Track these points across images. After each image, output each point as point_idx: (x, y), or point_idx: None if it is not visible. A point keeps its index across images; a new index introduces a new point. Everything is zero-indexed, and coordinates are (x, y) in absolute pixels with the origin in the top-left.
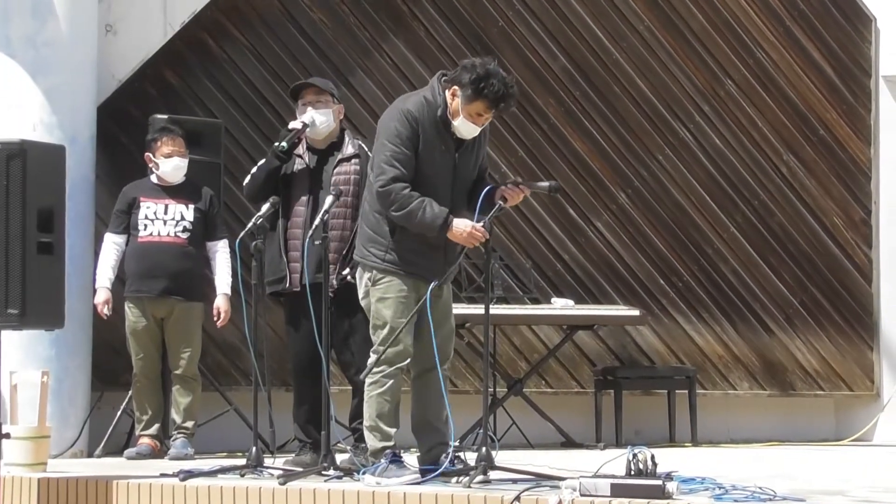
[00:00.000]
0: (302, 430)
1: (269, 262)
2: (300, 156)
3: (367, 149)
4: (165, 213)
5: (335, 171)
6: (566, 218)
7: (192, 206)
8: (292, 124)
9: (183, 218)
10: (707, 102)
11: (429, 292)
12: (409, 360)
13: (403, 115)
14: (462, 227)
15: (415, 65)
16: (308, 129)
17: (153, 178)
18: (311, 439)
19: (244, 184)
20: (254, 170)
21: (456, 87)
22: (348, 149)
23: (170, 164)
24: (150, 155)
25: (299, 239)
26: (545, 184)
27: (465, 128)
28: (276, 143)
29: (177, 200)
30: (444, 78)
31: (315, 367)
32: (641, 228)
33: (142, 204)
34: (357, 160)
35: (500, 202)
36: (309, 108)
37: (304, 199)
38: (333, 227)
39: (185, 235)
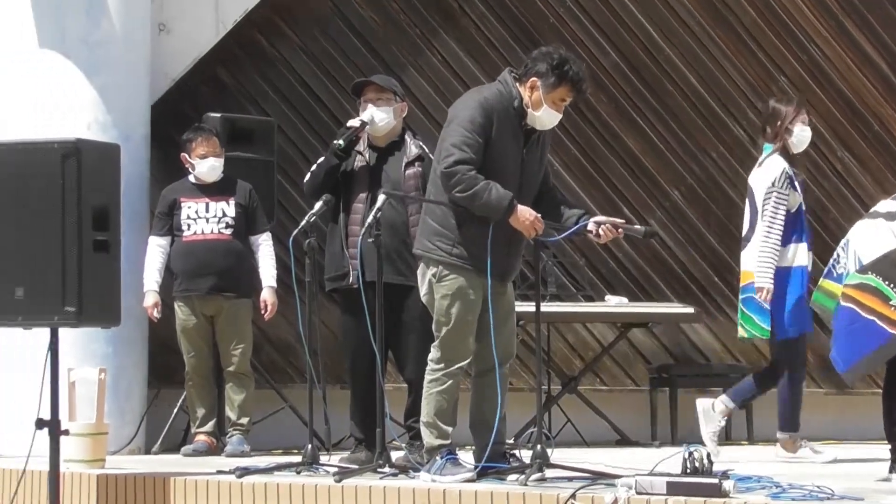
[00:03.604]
0: (358, 427)
1: (331, 258)
2: (360, 153)
3: (427, 150)
4: (207, 211)
5: (406, 173)
6: (620, 215)
7: (232, 202)
8: (350, 122)
9: (225, 214)
10: (760, 99)
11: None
12: (470, 359)
13: (480, 104)
14: (527, 213)
15: (465, 61)
16: (367, 127)
17: (191, 178)
18: (367, 437)
19: (304, 181)
20: (314, 167)
21: (535, 79)
22: (412, 150)
23: (205, 165)
24: (186, 156)
25: (357, 236)
26: (641, 228)
27: (548, 116)
28: (335, 141)
29: (216, 198)
30: (513, 73)
31: (372, 364)
32: (695, 226)
33: (182, 204)
34: (420, 163)
35: (590, 232)
36: (369, 106)
37: (363, 196)
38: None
39: (228, 232)
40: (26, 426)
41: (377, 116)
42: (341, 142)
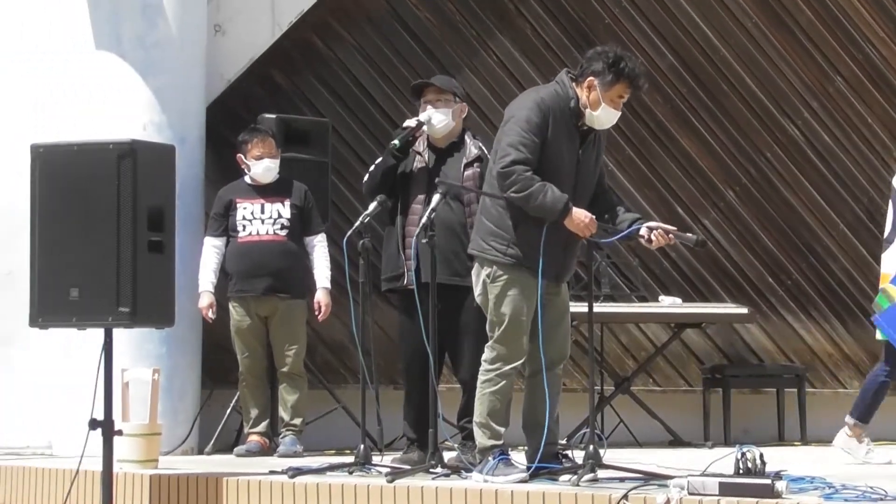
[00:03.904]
0: (411, 427)
1: (388, 259)
2: (420, 153)
3: (486, 151)
4: (262, 212)
5: (465, 174)
6: (674, 216)
7: (287, 203)
8: (407, 122)
9: (280, 216)
10: (816, 99)
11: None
12: (524, 360)
13: (536, 104)
14: (581, 215)
15: (521, 62)
16: (424, 128)
17: (247, 179)
18: (420, 437)
19: (363, 182)
20: (371, 168)
21: (592, 78)
22: (472, 151)
23: (261, 166)
24: (242, 157)
25: (414, 237)
26: (692, 236)
27: (607, 115)
28: (391, 142)
29: (272, 199)
30: (570, 74)
31: (428, 365)
32: (750, 226)
33: (238, 205)
34: (480, 164)
35: (642, 237)
36: (428, 107)
37: (420, 197)
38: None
39: (283, 233)
40: (80, 426)
41: (435, 118)
42: (396, 142)
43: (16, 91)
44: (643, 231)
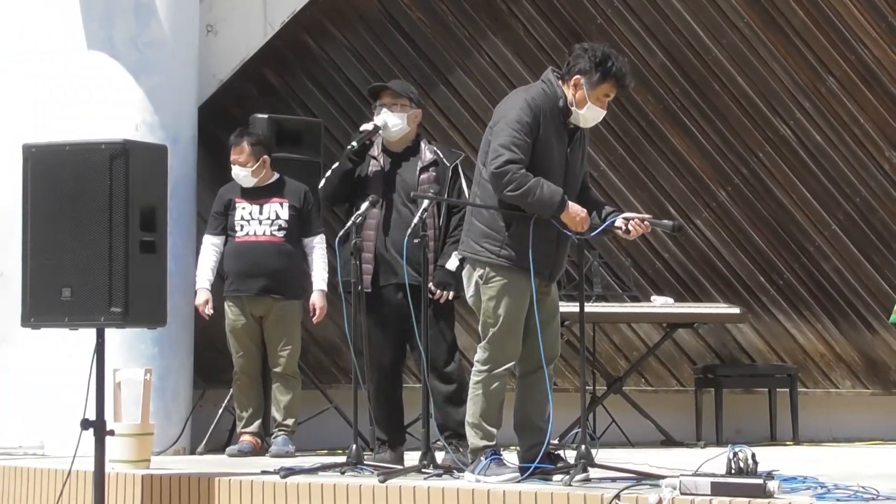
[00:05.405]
0: (382, 428)
1: (345, 263)
2: (375, 158)
3: (441, 156)
4: (261, 212)
5: (420, 178)
6: (666, 215)
7: (286, 205)
8: (363, 126)
9: (278, 217)
10: (808, 99)
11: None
12: (516, 360)
13: (527, 103)
14: (577, 208)
15: (513, 63)
16: (381, 132)
17: None
18: (390, 437)
19: (319, 186)
20: (328, 172)
21: (578, 77)
22: (426, 155)
23: (234, 171)
24: None
25: (371, 241)
26: (668, 223)
27: (593, 114)
28: (348, 145)
29: (271, 200)
30: (555, 72)
31: (393, 364)
32: (741, 226)
33: (237, 205)
34: (435, 168)
35: (619, 229)
36: (384, 110)
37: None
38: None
39: (281, 234)
40: (72, 426)
41: (390, 121)
42: (354, 144)
43: (16, 91)
44: (619, 222)
